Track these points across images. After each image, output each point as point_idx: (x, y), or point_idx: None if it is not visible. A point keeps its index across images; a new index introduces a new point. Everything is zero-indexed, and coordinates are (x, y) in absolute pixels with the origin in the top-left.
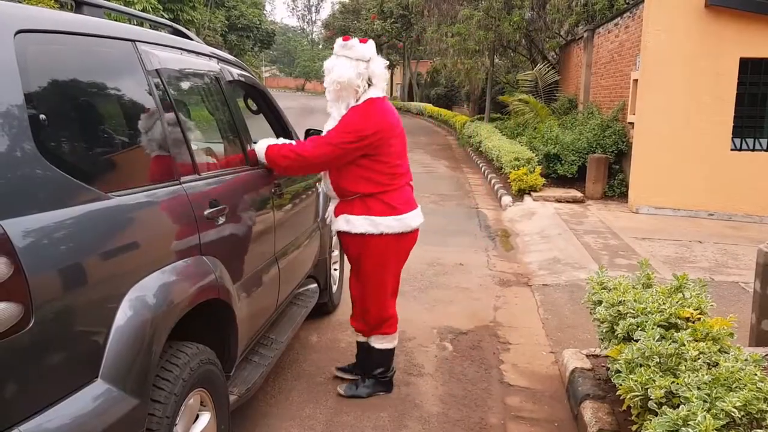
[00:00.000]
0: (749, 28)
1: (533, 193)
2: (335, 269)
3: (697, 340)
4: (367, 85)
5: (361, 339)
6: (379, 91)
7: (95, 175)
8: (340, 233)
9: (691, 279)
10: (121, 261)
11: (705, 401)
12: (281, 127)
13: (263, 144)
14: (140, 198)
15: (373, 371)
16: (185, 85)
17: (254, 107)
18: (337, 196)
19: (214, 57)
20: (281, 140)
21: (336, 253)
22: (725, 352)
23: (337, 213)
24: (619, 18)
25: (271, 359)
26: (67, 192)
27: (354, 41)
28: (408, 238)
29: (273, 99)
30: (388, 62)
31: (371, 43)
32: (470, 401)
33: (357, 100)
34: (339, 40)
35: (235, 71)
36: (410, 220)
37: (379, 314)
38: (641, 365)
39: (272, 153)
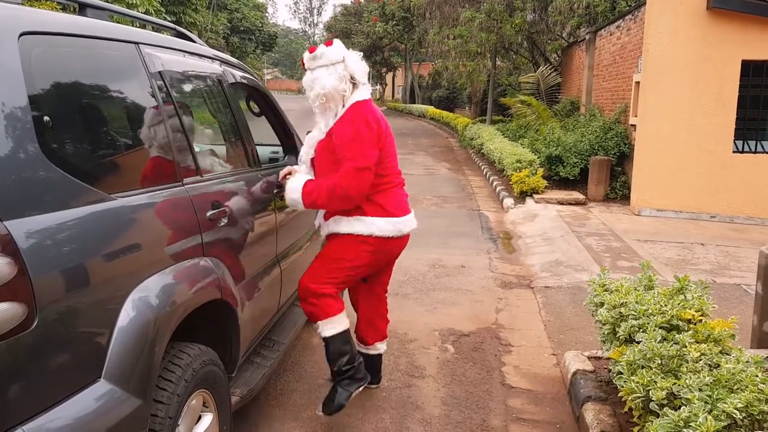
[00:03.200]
0: (751, 30)
1: (535, 195)
2: None
3: (698, 342)
4: (351, 86)
5: (363, 350)
6: (363, 92)
7: (98, 176)
8: (328, 237)
9: (692, 281)
10: (124, 262)
11: (706, 403)
12: (283, 130)
13: (299, 181)
14: (143, 199)
15: (339, 368)
16: (188, 87)
17: (256, 109)
18: None
19: (217, 59)
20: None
21: None
22: (727, 354)
23: (327, 217)
24: (620, 20)
25: (273, 361)
26: (71, 193)
27: (321, 48)
28: (396, 243)
29: (275, 101)
30: (361, 53)
31: (337, 42)
32: (472, 403)
33: (344, 105)
34: (306, 54)
35: (238, 73)
36: (403, 225)
37: (312, 287)
38: (643, 367)
39: (308, 191)
